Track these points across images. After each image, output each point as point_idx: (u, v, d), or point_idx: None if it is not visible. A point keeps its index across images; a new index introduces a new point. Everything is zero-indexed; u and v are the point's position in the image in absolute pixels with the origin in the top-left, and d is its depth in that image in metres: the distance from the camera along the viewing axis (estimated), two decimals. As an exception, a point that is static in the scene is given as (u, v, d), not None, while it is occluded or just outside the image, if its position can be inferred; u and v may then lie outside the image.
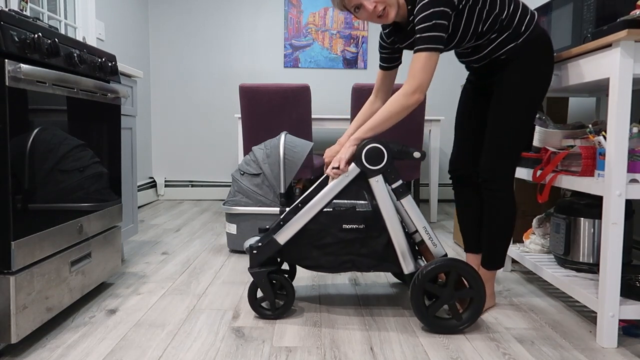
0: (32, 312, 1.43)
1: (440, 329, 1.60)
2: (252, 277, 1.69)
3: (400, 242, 1.66)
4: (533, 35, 1.64)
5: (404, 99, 1.57)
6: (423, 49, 1.55)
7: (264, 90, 3.13)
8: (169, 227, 3.28)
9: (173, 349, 1.46)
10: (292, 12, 4.52)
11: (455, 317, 1.61)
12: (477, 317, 1.60)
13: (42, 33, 1.47)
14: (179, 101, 4.60)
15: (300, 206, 1.71)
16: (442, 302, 1.60)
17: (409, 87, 1.57)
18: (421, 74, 1.55)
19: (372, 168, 1.65)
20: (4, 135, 1.30)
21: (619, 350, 1.48)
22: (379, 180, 1.65)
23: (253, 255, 1.70)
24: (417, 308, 1.59)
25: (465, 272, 1.59)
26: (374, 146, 1.64)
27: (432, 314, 1.60)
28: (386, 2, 1.62)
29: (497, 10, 1.62)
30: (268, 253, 1.69)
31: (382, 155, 1.64)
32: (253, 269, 1.69)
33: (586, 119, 2.68)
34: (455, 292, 1.60)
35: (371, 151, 1.64)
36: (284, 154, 2.55)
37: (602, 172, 1.52)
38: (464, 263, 1.59)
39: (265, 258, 1.70)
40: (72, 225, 1.65)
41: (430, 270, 1.58)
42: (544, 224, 2.13)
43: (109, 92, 1.86)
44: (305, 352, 1.45)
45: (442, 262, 1.59)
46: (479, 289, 1.60)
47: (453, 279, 1.59)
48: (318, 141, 4.61)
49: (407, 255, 1.66)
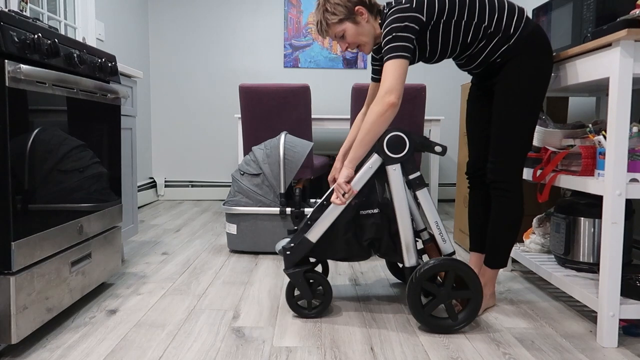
0: (32, 312, 1.43)
1: (435, 328, 1.60)
2: (289, 277, 1.70)
3: (406, 234, 1.66)
4: (525, 33, 1.64)
5: (377, 106, 1.59)
6: (388, 58, 1.61)
7: (264, 90, 3.13)
8: (169, 227, 3.28)
9: (173, 349, 1.46)
10: (292, 12, 4.53)
11: (451, 317, 1.61)
12: (473, 318, 1.61)
13: (42, 33, 1.47)
14: (179, 101, 4.60)
15: (325, 204, 1.72)
16: (438, 301, 1.60)
17: (380, 92, 1.60)
18: (390, 78, 1.59)
19: (392, 156, 1.65)
20: (4, 135, 1.30)
21: (619, 350, 1.48)
22: (397, 169, 1.65)
23: (287, 256, 1.71)
24: (414, 305, 1.59)
25: (464, 273, 1.59)
26: (396, 134, 1.64)
27: (428, 313, 1.60)
28: (356, 43, 1.78)
29: (476, 19, 1.64)
30: (301, 252, 1.70)
31: (404, 145, 1.64)
32: (288, 269, 1.70)
33: (586, 118, 2.68)
34: (452, 292, 1.60)
35: (394, 139, 1.64)
36: (284, 154, 2.55)
37: (602, 171, 1.52)
38: (463, 264, 1.59)
39: (299, 257, 1.70)
40: (72, 225, 1.65)
41: (429, 268, 1.58)
42: (544, 223, 2.13)
43: (109, 93, 1.86)
44: (305, 352, 1.45)
45: (441, 261, 1.59)
46: (477, 290, 1.60)
47: (451, 278, 1.60)
48: (318, 141, 4.61)
49: (411, 248, 1.66)
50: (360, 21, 1.74)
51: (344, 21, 1.73)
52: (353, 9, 1.72)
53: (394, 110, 1.58)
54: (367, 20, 1.74)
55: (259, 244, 2.59)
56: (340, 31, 1.75)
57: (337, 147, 4.62)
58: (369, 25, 1.75)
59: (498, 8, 1.65)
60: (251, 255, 2.60)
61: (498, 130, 1.69)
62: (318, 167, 3.37)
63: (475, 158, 1.91)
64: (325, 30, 1.77)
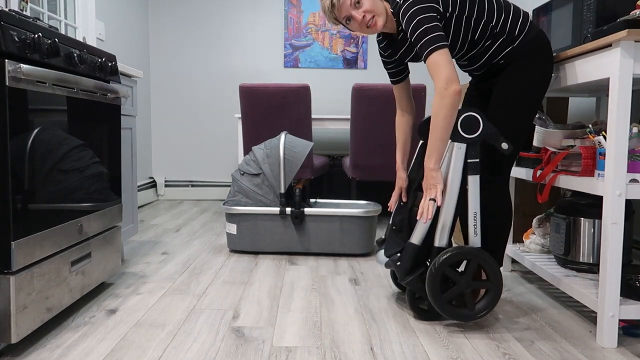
0: (32, 312, 1.43)
1: (451, 315, 1.60)
2: (408, 286, 1.68)
3: (448, 214, 1.63)
4: (529, 37, 1.65)
5: (444, 99, 1.53)
6: (429, 52, 1.55)
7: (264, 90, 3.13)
8: (169, 227, 3.28)
9: (173, 349, 1.46)
10: (292, 12, 4.53)
11: (468, 306, 1.61)
12: (490, 309, 1.61)
13: (42, 33, 1.47)
14: (179, 101, 4.60)
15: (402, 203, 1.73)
16: (458, 289, 1.60)
17: (437, 87, 1.54)
18: (443, 69, 1.53)
19: (463, 135, 1.61)
20: (4, 135, 1.30)
21: (619, 350, 1.48)
22: (462, 147, 1.62)
23: (398, 267, 1.68)
24: (432, 290, 1.58)
25: (487, 265, 1.59)
26: (472, 115, 1.60)
27: (446, 300, 1.60)
28: (374, 11, 1.66)
29: (485, 18, 1.63)
30: (411, 259, 1.67)
31: (477, 126, 1.61)
32: (405, 279, 1.67)
33: (586, 119, 2.68)
34: (472, 282, 1.60)
35: (468, 119, 1.61)
36: (284, 154, 2.55)
37: (602, 172, 1.52)
38: (487, 254, 1.59)
39: (410, 264, 1.67)
40: (72, 225, 1.65)
41: (453, 255, 1.58)
42: (544, 224, 2.13)
43: (109, 92, 1.86)
44: (305, 352, 1.45)
45: (466, 249, 1.59)
46: (497, 283, 1.60)
47: (473, 268, 1.59)
48: (318, 141, 4.61)
49: (447, 229, 1.64)
50: None
51: None
52: None
53: (460, 97, 1.55)
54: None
55: (259, 244, 2.59)
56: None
57: (337, 147, 4.62)
58: (381, 3, 1.69)
59: (505, 9, 1.66)
60: (251, 255, 2.60)
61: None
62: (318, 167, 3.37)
63: None
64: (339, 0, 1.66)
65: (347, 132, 4.59)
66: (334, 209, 2.53)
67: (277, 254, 2.61)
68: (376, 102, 3.10)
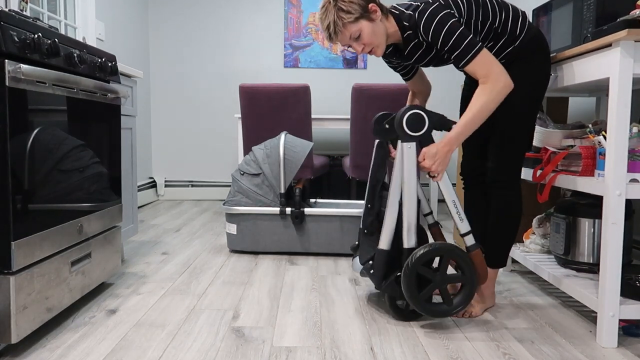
0: (32, 312, 1.43)
1: (431, 313, 1.61)
2: (386, 292, 1.69)
3: (410, 215, 1.64)
4: (529, 36, 1.66)
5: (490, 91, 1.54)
6: (470, 58, 1.56)
7: (264, 90, 3.13)
8: (169, 227, 3.28)
9: (173, 349, 1.46)
10: (292, 12, 4.52)
11: (446, 302, 1.61)
12: (468, 302, 1.61)
13: (42, 33, 1.47)
14: (179, 101, 4.60)
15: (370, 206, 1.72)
16: (434, 287, 1.61)
17: (492, 80, 1.54)
18: (493, 66, 1.55)
19: (410, 134, 1.62)
20: (4, 135, 1.30)
21: (619, 350, 1.48)
22: (412, 147, 1.63)
23: (372, 275, 1.69)
24: (409, 290, 1.59)
25: (458, 258, 1.60)
26: (416, 112, 1.61)
27: (424, 298, 1.60)
28: (372, 44, 1.68)
29: (490, 19, 1.65)
30: (383, 265, 1.68)
31: (422, 123, 1.62)
32: (381, 286, 1.68)
33: (586, 119, 2.68)
34: (447, 277, 1.60)
35: (413, 117, 1.61)
36: (284, 154, 2.55)
37: (602, 172, 1.52)
38: (458, 248, 1.60)
39: (383, 271, 1.68)
40: (72, 225, 1.65)
41: (424, 253, 1.58)
42: (544, 224, 2.13)
43: (109, 92, 1.86)
44: (305, 352, 1.45)
45: (436, 246, 1.59)
46: (471, 275, 1.60)
47: (446, 264, 1.60)
48: (318, 141, 4.61)
49: (413, 230, 1.65)
50: (375, 19, 1.65)
51: (360, 20, 1.64)
52: (367, 6, 1.64)
53: (507, 91, 1.56)
54: (380, 19, 1.67)
55: (259, 244, 2.59)
56: (357, 31, 1.64)
57: (337, 147, 4.62)
58: (382, 24, 1.69)
59: (504, 9, 1.67)
60: (251, 255, 2.60)
61: (500, 131, 1.70)
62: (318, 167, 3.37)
63: (470, 158, 1.91)
64: (340, 31, 1.65)
65: (347, 132, 4.59)
66: (334, 209, 2.53)
67: (277, 254, 2.61)
68: (376, 102, 3.10)
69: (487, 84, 1.56)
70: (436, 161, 1.60)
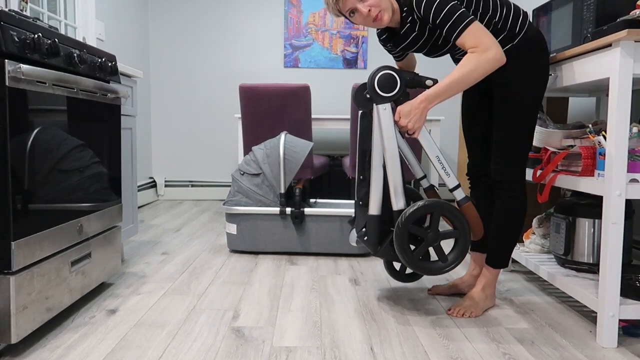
0: (32, 312, 1.43)
1: (426, 271, 1.61)
2: (382, 257, 1.68)
3: (395, 177, 1.64)
4: (528, 35, 1.66)
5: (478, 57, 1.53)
6: (461, 30, 1.55)
7: (264, 90, 3.13)
8: (169, 227, 3.28)
9: (173, 349, 1.46)
10: (292, 12, 4.52)
11: (441, 258, 1.61)
12: (462, 258, 1.61)
13: (42, 33, 1.47)
14: (179, 101, 4.60)
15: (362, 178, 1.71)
16: (427, 245, 1.61)
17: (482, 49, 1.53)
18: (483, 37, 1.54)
19: (384, 95, 1.60)
20: (4, 135, 1.30)
21: (619, 350, 1.48)
22: (387, 108, 1.61)
23: (367, 242, 1.68)
24: (402, 250, 1.59)
25: (449, 213, 1.59)
26: (387, 73, 1.60)
27: (418, 256, 1.61)
28: (380, 6, 1.63)
29: (490, 12, 1.65)
30: (375, 230, 1.67)
31: (394, 82, 1.60)
32: (376, 251, 1.67)
33: (586, 119, 2.68)
34: (439, 234, 1.60)
35: (384, 78, 1.60)
36: (284, 154, 2.55)
37: (602, 172, 1.52)
38: (447, 204, 1.60)
39: (377, 235, 1.68)
40: (72, 225, 1.65)
41: (413, 212, 1.58)
42: (544, 224, 2.13)
43: (109, 92, 1.86)
44: (305, 352, 1.45)
45: (424, 204, 1.58)
46: (464, 229, 1.60)
47: (437, 221, 1.60)
48: (318, 141, 4.61)
49: (400, 191, 1.64)
50: None
51: None
52: None
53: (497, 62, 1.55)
54: None
55: (259, 244, 2.59)
56: None
57: (337, 147, 4.62)
58: None
59: (506, 6, 1.67)
60: (251, 255, 2.60)
61: (501, 131, 1.70)
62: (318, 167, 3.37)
63: (476, 158, 1.91)
64: None
65: (347, 132, 4.59)
66: (334, 209, 2.53)
67: (277, 254, 2.61)
68: (376, 102, 3.10)
69: (476, 52, 1.55)
70: (412, 118, 1.59)
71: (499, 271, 1.80)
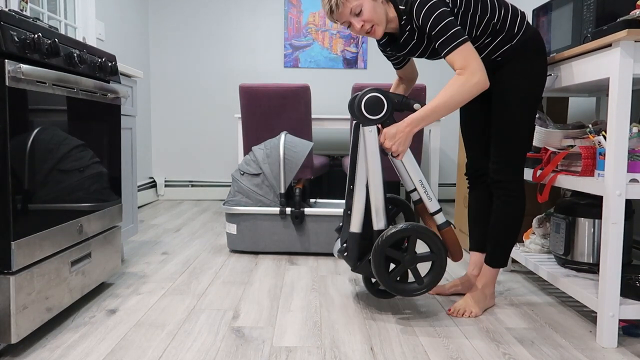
0: (32, 312, 1.43)
1: (401, 292, 1.62)
2: (361, 273, 1.70)
3: (377, 197, 1.65)
4: (526, 36, 1.67)
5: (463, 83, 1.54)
6: (453, 48, 1.56)
7: (264, 90, 3.13)
8: (169, 227, 3.28)
9: (173, 349, 1.46)
10: (292, 12, 4.53)
11: (417, 280, 1.63)
12: (437, 280, 1.62)
13: (42, 33, 1.47)
14: (179, 101, 4.60)
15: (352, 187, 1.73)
16: (403, 267, 1.62)
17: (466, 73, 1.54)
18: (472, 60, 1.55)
19: (370, 117, 1.61)
20: (4, 135, 1.30)
21: (619, 350, 1.48)
22: (373, 130, 1.62)
23: (347, 258, 1.71)
24: (379, 271, 1.60)
25: (426, 237, 1.61)
26: (374, 95, 1.60)
27: (394, 278, 1.62)
28: (373, 21, 1.65)
29: (488, 14, 1.65)
30: (356, 247, 1.70)
31: (382, 105, 1.61)
32: (355, 267, 1.70)
33: (586, 119, 2.68)
34: (416, 257, 1.61)
35: (371, 100, 1.61)
36: (284, 154, 2.55)
37: (602, 172, 1.52)
38: (424, 228, 1.61)
39: (357, 252, 1.70)
40: (72, 225, 1.65)
41: (391, 235, 1.59)
42: (544, 224, 2.13)
43: (109, 92, 1.86)
44: (305, 352, 1.45)
45: (402, 228, 1.60)
46: (440, 253, 1.61)
47: (414, 244, 1.61)
48: (318, 141, 4.61)
49: (381, 212, 1.66)
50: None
51: None
52: None
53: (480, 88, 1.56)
54: (381, 1, 1.66)
55: (259, 244, 2.59)
56: (358, 6, 1.62)
57: (337, 147, 4.62)
58: (383, 7, 1.67)
59: (504, 8, 1.67)
60: (251, 255, 2.60)
61: (500, 131, 1.70)
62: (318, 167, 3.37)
63: (474, 158, 1.91)
64: (342, 4, 1.63)
65: (347, 132, 4.59)
66: (334, 209, 2.53)
67: (277, 254, 2.61)
68: (376, 102, 3.10)
69: (462, 76, 1.56)
70: (397, 141, 1.60)
71: (498, 271, 1.80)
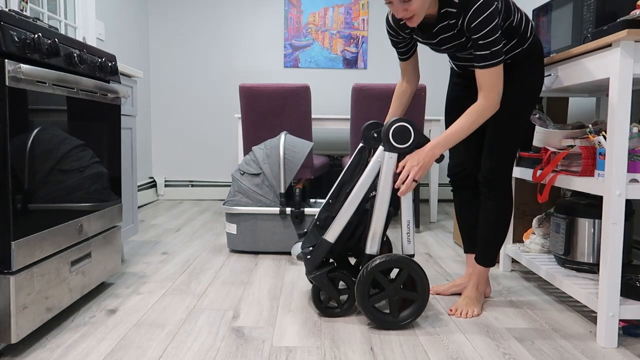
0: (32, 312, 1.43)
1: (374, 320, 1.62)
2: (314, 281, 1.70)
3: (378, 223, 1.66)
4: (534, 40, 1.70)
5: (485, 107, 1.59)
6: (490, 65, 1.56)
7: (264, 90, 3.13)
8: (169, 227, 3.28)
9: (173, 349, 1.46)
10: (292, 12, 4.52)
11: (392, 313, 1.62)
12: (414, 319, 1.62)
13: (42, 33, 1.47)
14: (179, 101, 4.60)
15: (331, 202, 1.74)
16: (385, 296, 1.62)
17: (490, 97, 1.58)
18: (498, 84, 1.58)
19: (395, 145, 1.64)
20: (4, 135, 1.30)
21: (619, 350, 1.48)
22: (393, 157, 1.65)
23: (308, 261, 1.71)
24: (361, 293, 1.60)
25: (417, 275, 1.61)
26: (403, 125, 1.64)
27: (373, 303, 1.62)
28: (416, 12, 1.57)
29: (511, 17, 1.65)
30: (321, 254, 1.70)
31: (408, 136, 1.64)
32: (311, 273, 1.70)
33: (586, 119, 2.68)
34: (400, 290, 1.62)
35: (400, 129, 1.64)
36: (284, 154, 2.55)
37: (602, 172, 1.52)
38: (419, 266, 1.61)
39: (320, 260, 1.71)
40: (72, 225, 1.65)
41: (384, 262, 1.60)
42: (544, 224, 2.13)
43: (109, 92, 1.86)
44: (305, 352, 1.45)
45: (397, 258, 1.60)
46: (424, 295, 1.62)
47: (403, 277, 1.61)
48: (318, 141, 4.61)
49: (377, 238, 1.67)
50: None
51: None
52: None
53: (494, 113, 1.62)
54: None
55: (259, 243, 2.59)
56: None
57: (337, 147, 4.62)
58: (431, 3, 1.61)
59: (519, 11, 1.67)
60: (251, 255, 2.60)
61: (495, 133, 1.72)
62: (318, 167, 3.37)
63: (458, 158, 1.91)
64: None
65: (347, 132, 4.59)
66: (334, 209, 2.53)
67: (277, 254, 2.61)
68: (376, 102, 3.10)
69: (485, 103, 1.58)
70: (420, 164, 1.61)
71: (489, 269, 1.83)
